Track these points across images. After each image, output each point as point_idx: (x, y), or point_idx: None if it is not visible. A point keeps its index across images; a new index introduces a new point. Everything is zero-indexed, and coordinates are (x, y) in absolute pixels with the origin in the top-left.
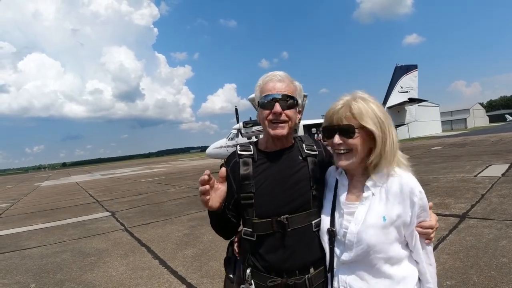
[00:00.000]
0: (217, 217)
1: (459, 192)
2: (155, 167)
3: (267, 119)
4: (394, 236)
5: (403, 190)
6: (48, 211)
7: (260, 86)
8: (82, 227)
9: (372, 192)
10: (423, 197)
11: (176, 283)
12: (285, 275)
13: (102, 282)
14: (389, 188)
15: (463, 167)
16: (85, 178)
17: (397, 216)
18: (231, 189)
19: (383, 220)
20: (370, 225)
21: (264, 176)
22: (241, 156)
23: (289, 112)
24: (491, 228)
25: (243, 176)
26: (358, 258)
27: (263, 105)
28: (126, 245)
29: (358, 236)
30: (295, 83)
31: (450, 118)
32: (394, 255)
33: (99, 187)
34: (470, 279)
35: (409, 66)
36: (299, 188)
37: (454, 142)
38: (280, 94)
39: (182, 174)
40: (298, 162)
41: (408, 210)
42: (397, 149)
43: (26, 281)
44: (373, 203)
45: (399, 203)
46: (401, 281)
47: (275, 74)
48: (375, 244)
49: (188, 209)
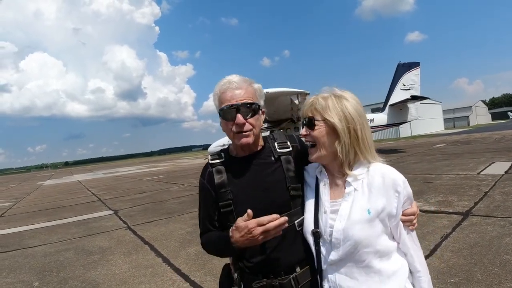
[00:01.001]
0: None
1: (462, 190)
2: (157, 166)
3: (232, 131)
4: (380, 229)
5: (386, 181)
6: (50, 210)
7: (218, 95)
8: (85, 225)
9: (354, 187)
10: (407, 185)
11: (180, 281)
12: (271, 275)
13: (106, 280)
14: (371, 181)
15: (466, 165)
16: (87, 177)
17: (381, 208)
18: (212, 200)
19: (367, 214)
20: (355, 220)
21: (239, 183)
22: (213, 165)
23: (252, 120)
24: (495, 225)
25: (219, 184)
26: (346, 256)
27: (224, 116)
28: (129, 243)
29: (345, 232)
30: (254, 86)
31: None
32: (382, 249)
33: (102, 186)
34: (474, 277)
35: (411, 63)
36: (275, 190)
37: (456, 139)
38: (240, 103)
39: (185, 173)
40: (271, 163)
41: (393, 201)
42: (372, 146)
43: (29, 279)
44: (356, 198)
45: (383, 195)
46: (391, 275)
47: (231, 81)
48: (362, 239)
49: (191, 207)
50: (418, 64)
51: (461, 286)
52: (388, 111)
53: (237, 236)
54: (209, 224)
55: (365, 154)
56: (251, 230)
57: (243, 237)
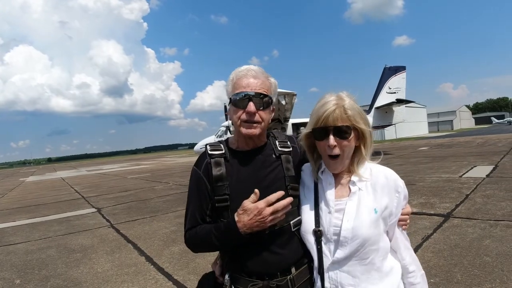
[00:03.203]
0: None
1: (444, 192)
2: (142, 164)
3: (240, 119)
4: (383, 227)
5: (389, 182)
6: (33, 207)
7: (233, 81)
8: (68, 223)
9: (359, 186)
10: (405, 187)
11: (163, 280)
12: (267, 277)
13: (88, 279)
14: (376, 181)
15: (449, 168)
16: (71, 173)
17: (385, 207)
18: (206, 193)
19: (374, 213)
20: (364, 219)
21: (238, 177)
22: (212, 156)
23: (263, 113)
24: (475, 227)
25: (216, 177)
26: (352, 254)
27: (235, 102)
28: (112, 242)
29: (354, 231)
30: (271, 80)
31: (437, 119)
32: (383, 246)
33: (85, 183)
34: (454, 277)
35: (397, 67)
36: (275, 188)
37: (440, 143)
38: (254, 92)
39: (170, 171)
40: (272, 161)
41: (394, 201)
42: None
43: (11, 277)
44: (362, 197)
45: (386, 194)
46: (389, 272)
47: (249, 69)
48: (370, 237)
49: (176, 206)
50: (404, 68)
51: (441, 286)
52: (374, 113)
53: (245, 220)
54: (199, 218)
55: (369, 153)
56: (261, 211)
57: (252, 220)
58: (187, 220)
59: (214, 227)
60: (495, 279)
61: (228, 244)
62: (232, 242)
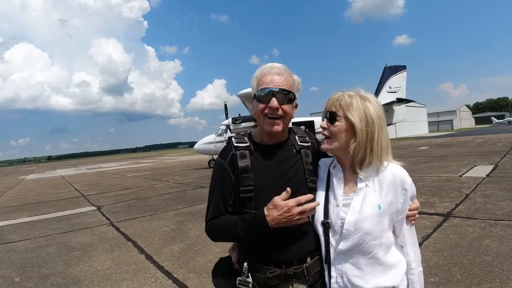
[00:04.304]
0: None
1: (444, 192)
2: (142, 162)
3: (263, 113)
4: (387, 223)
5: (395, 179)
6: (32, 204)
7: (258, 78)
8: (67, 221)
9: (366, 183)
10: (413, 185)
11: (162, 278)
12: (283, 265)
13: (87, 277)
14: (382, 178)
15: (449, 167)
16: (70, 172)
17: (389, 203)
18: (230, 184)
19: (378, 208)
20: (366, 214)
21: (262, 170)
22: (237, 148)
23: (286, 107)
24: (475, 227)
25: (242, 168)
26: (354, 247)
27: (260, 98)
28: (112, 240)
29: (356, 225)
30: (294, 77)
31: (437, 119)
32: (386, 242)
33: (85, 181)
34: (454, 276)
35: (398, 66)
36: (296, 181)
37: (440, 142)
38: (278, 88)
39: (170, 170)
40: (293, 155)
41: (400, 198)
42: (387, 149)
43: (10, 275)
44: (368, 194)
45: (392, 191)
46: (393, 267)
47: (273, 66)
48: (371, 232)
49: (175, 204)
50: (405, 67)
51: (441, 285)
52: None
53: (275, 215)
54: (223, 208)
55: (378, 154)
56: (290, 209)
57: (281, 216)
58: (210, 209)
59: (239, 219)
60: (495, 278)
61: (253, 237)
62: (258, 234)
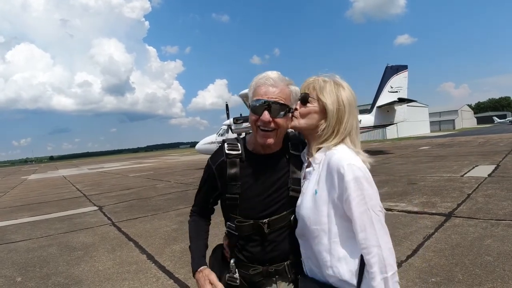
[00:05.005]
0: None
1: (446, 191)
2: (144, 162)
3: (256, 125)
4: (327, 209)
5: (331, 164)
6: (34, 204)
7: (253, 87)
8: (69, 221)
9: (313, 167)
10: (354, 169)
11: (164, 278)
12: (267, 264)
13: (89, 277)
14: (324, 163)
15: (450, 167)
16: (72, 172)
17: (328, 188)
18: (215, 185)
19: (314, 193)
20: (305, 198)
21: (250, 180)
22: (228, 155)
23: (280, 120)
24: (477, 227)
25: (230, 176)
26: (302, 231)
27: (253, 109)
28: (114, 240)
29: (299, 208)
30: (291, 87)
31: (439, 118)
32: (333, 229)
33: (87, 181)
34: (455, 277)
35: (399, 66)
36: (280, 193)
37: (442, 142)
38: (272, 100)
39: (171, 169)
40: (283, 165)
41: (336, 184)
42: (351, 134)
43: (12, 274)
44: (312, 177)
45: (329, 175)
46: (342, 259)
47: (268, 77)
48: (309, 215)
49: (177, 204)
50: (406, 67)
51: (442, 285)
52: (375, 112)
53: (196, 279)
54: (203, 204)
55: (342, 136)
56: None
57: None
58: (195, 200)
59: (192, 244)
60: (496, 278)
61: None
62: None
